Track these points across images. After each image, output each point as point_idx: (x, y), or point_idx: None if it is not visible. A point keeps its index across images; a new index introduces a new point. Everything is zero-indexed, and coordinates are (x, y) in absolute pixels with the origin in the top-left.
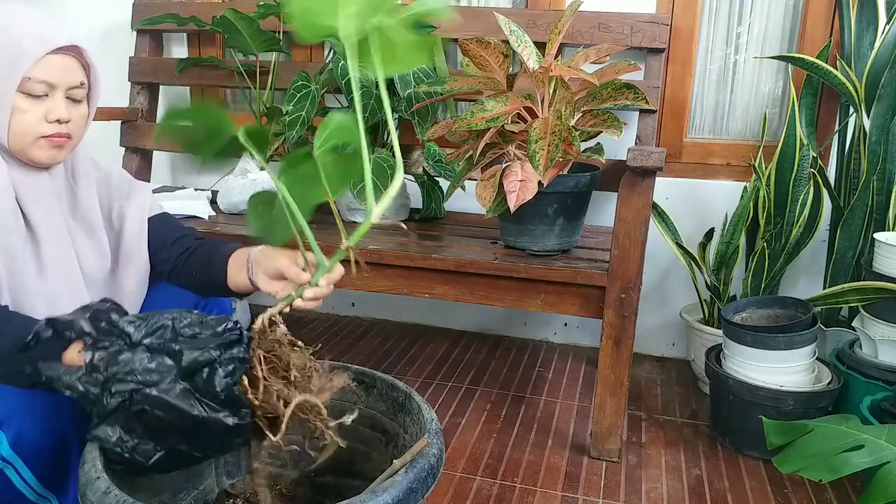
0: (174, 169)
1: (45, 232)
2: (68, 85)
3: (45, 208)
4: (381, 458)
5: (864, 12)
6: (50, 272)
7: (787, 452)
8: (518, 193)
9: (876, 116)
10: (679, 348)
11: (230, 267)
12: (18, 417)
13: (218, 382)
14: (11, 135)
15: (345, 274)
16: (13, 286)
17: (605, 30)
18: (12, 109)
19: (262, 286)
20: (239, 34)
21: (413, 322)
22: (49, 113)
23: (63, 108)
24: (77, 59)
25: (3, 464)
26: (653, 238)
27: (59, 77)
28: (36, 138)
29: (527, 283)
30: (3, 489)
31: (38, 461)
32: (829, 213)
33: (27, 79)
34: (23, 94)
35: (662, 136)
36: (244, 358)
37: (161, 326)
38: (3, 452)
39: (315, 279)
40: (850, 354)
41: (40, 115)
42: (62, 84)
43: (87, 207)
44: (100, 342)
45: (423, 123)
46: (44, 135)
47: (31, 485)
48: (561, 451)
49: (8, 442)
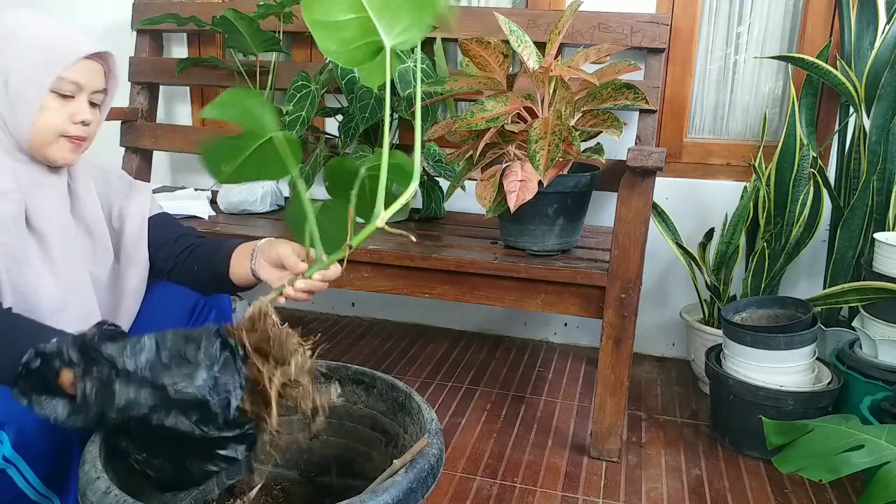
0: (174, 169)
1: (52, 233)
2: (93, 89)
3: (52, 209)
4: (381, 458)
5: (864, 12)
6: (59, 272)
7: (787, 452)
8: (518, 193)
9: (876, 116)
10: (679, 348)
11: (234, 259)
12: (19, 417)
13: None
14: (35, 131)
15: (342, 275)
16: (22, 287)
17: (605, 30)
18: (41, 106)
19: (261, 274)
20: (239, 34)
21: (413, 322)
22: (75, 114)
23: (87, 110)
24: (102, 66)
25: (6, 464)
26: (653, 238)
27: (88, 80)
28: (57, 137)
29: (527, 283)
30: (6, 489)
31: (39, 461)
32: (829, 213)
33: (61, 78)
34: (53, 92)
35: (662, 136)
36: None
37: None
38: (6, 452)
39: (310, 272)
40: (850, 354)
41: (66, 115)
42: (88, 87)
43: (87, 207)
44: (88, 372)
45: (423, 123)
46: (67, 134)
47: (34, 485)
48: (561, 451)
49: (10, 442)
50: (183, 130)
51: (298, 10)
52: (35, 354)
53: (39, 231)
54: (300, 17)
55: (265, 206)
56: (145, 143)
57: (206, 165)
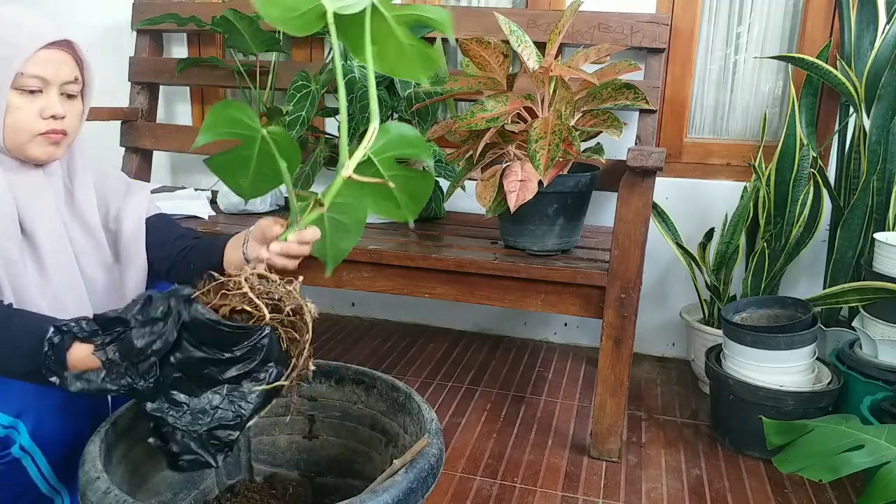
0: (174, 169)
1: (42, 233)
2: (62, 80)
3: (43, 208)
4: (381, 458)
5: (864, 12)
6: (50, 273)
7: (787, 452)
8: (518, 193)
9: (876, 116)
10: (679, 348)
11: (227, 249)
12: (37, 407)
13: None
14: (7, 132)
15: (342, 275)
16: (15, 288)
17: (605, 30)
18: (7, 106)
19: (251, 255)
20: (239, 34)
21: (413, 322)
22: (44, 109)
23: (58, 104)
24: (70, 54)
25: (22, 454)
26: (653, 238)
27: (53, 72)
28: (33, 135)
29: (527, 283)
30: (19, 481)
31: (54, 452)
32: (829, 213)
33: (20, 74)
34: (17, 90)
35: (662, 136)
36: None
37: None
38: (23, 442)
39: (284, 235)
40: (850, 354)
41: (35, 111)
42: (56, 80)
43: (84, 207)
44: (106, 338)
45: (424, 123)
46: (40, 132)
47: (47, 476)
48: (561, 451)
49: (28, 432)
50: (183, 130)
51: None
52: (55, 330)
53: (30, 233)
54: None
55: (265, 206)
56: (145, 143)
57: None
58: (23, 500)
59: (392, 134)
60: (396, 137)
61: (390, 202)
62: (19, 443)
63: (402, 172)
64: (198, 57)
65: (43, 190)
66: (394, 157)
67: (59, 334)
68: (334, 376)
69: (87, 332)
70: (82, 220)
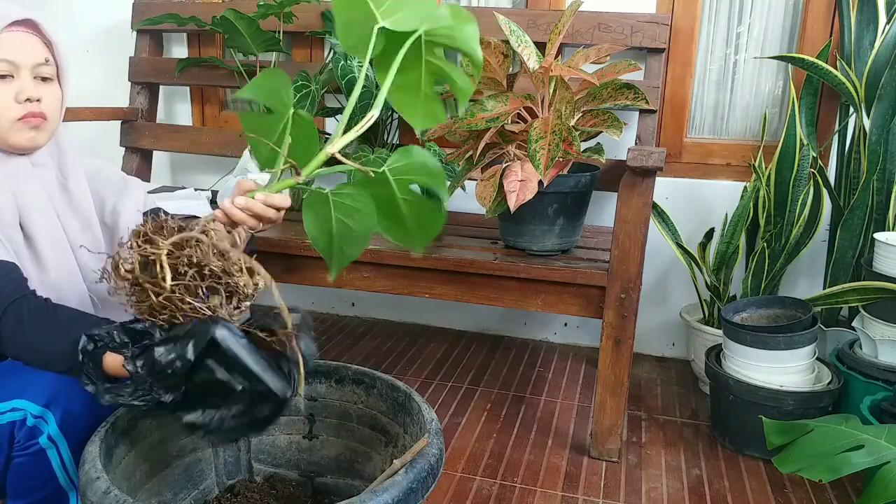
0: (174, 169)
1: (37, 224)
2: (32, 62)
3: (34, 198)
4: (381, 458)
5: (864, 12)
6: (48, 265)
7: (787, 452)
8: (518, 193)
9: (876, 116)
10: (679, 348)
11: None
12: (66, 397)
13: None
14: None
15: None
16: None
17: (605, 30)
18: None
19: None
20: (239, 34)
21: (413, 322)
22: (19, 93)
23: (32, 86)
24: (37, 36)
25: (49, 443)
26: (653, 238)
27: (21, 55)
28: (11, 122)
29: (527, 283)
30: (40, 471)
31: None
32: (829, 213)
33: None
34: None
35: (662, 136)
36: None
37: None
38: (51, 432)
39: (252, 193)
40: (850, 354)
41: (10, 96)
42: (26, 62)
43: (80, 201)
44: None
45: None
46: (18, 116)
47: (68, 468)
48: (561, 451)
49: (56, 423)
50: (183, 130)
51: (298, 10)
52: (88, 339)
53: (24, 225)
54: (300, 17)
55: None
56: (145, 143)
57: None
58: (39, 493)
59: (414, 159)
60: (418, 164)
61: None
62: (47, 433)
63: (415, 200)
64: (198, 57)
65: (31, 179)
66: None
67: (91, 342)
68: (334, 376)
69: (118, 343)
70: (79, 215)
